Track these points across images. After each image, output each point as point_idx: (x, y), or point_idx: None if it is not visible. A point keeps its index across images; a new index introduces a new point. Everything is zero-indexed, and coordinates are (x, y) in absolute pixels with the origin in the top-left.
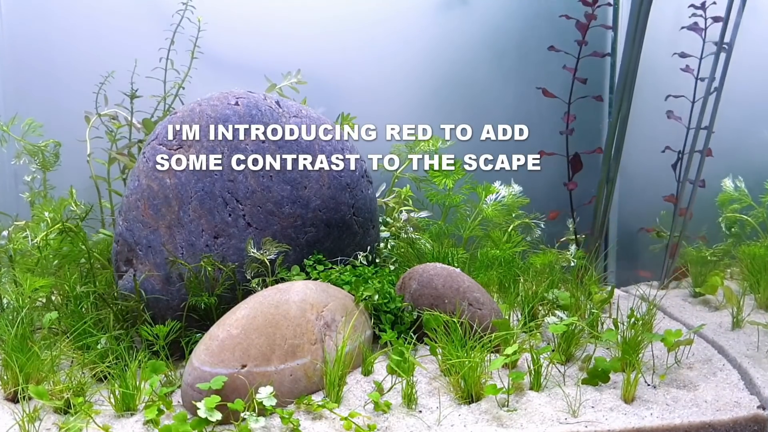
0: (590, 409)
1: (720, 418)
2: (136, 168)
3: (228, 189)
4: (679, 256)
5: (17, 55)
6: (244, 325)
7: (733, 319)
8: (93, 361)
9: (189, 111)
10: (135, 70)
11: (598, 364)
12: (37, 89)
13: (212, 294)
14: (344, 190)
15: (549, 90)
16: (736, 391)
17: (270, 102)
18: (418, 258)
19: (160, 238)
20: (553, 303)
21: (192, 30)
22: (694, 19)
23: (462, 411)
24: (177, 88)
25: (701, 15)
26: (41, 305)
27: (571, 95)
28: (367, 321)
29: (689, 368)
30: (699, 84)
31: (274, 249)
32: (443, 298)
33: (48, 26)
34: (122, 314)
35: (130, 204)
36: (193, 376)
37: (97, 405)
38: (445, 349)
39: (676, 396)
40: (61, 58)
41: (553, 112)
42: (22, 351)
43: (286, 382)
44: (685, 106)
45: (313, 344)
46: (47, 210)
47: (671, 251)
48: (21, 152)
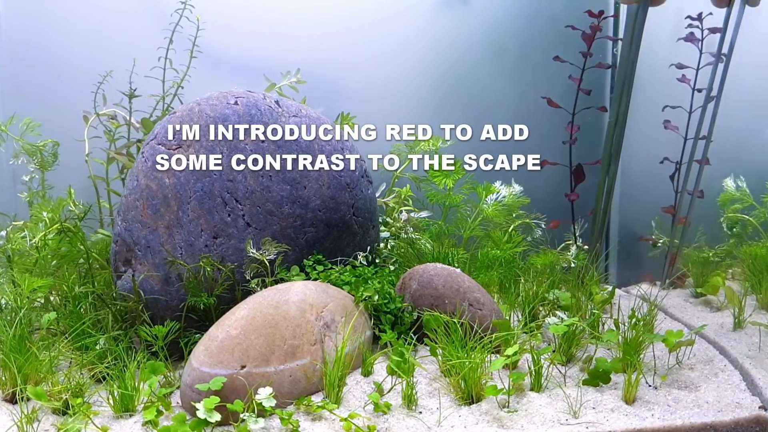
0: (591, 410)
1: (721, 419)
2: (134, 168)
3: (227, 189)
4: (678, 263)
5: (15, 54)
6: (243, 326)
7: (734, 320)
8: (92, 362)
9: (188, 111)
10: (134, 70)
11: (599, 364)
12: (36, 88)
13: (211, 294)
14: (344, 190)
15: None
16: (738, 392)
17: (269, 101)
18: (418, 258)
19: (159, 238)
20: (553, 303)
21: (191, 29)
22: (690, 29)
23: (462, 412)
24: (176, 88)
25: (698, 26)
26: (40, 306)
27: (575, 105)
28: (366, 321)
29: (690, 369)
30: (696, 94)
31: (273, 249)
32: (443, 298)
33: (46, 25)
34: (121, 315)
35: (128, 204)
36: (192, 376)
37: (96, 406)
38: (446, 349)
39: (678, 397)
40: (59, 57)
41: (553, 112)
42: (20, 352)
43: (285, 382)
44: (684, 116)
45: (313, 345)
46: (45, 210)
47: (671, 259)
48: (19, 152)
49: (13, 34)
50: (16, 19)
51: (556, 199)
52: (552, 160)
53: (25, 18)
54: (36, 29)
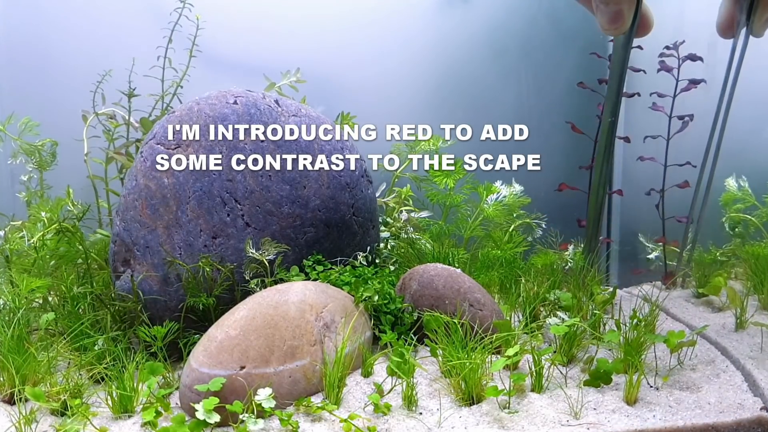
0: (592, 411)
1: (723, 420)
2: (133, 167)
3: (226, 189)
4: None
5: (13, 53)
6: (242, 326)
7: (736, 320)
8: (90, 363)
9: (187, 110)
10: (133, 69)
11: (600, 365)
12: (34, 88)
13: (210, 295)
14: (344, 190)
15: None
16: (740, 393)
17: (269, 101)
18: (418, 258)
19: (158, 238)
20: (554, 304)
21: (190, 28)
22: (663, 59)
23: (463, 413)
24: (175, 87)
25: (673, 55)
26: (38, 306)
27: (598, 133)
28: (366, 322)
29: (692, 370)
30: (675, 121)
31: (272, 249)
32: (444, 298)
33: (45, 24)
34: (120, 315)
35: (127, 204)
36: (191, 377)
37: (95, 407)
38: (446, 350)
39: (679, 398)
40: (58, 55)
41: (554, 112)
42: (18, 352)
43: (285, 383)
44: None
45: (313, 345)
46: (44, 210)
47: (667, 278)
48: (17, 151)
49: (11, 32)
50: (14, 17)
51: (558, 198)
52: (552, 160)
53: (23, 16)
54: (34, 27)
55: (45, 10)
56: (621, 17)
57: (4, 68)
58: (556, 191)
